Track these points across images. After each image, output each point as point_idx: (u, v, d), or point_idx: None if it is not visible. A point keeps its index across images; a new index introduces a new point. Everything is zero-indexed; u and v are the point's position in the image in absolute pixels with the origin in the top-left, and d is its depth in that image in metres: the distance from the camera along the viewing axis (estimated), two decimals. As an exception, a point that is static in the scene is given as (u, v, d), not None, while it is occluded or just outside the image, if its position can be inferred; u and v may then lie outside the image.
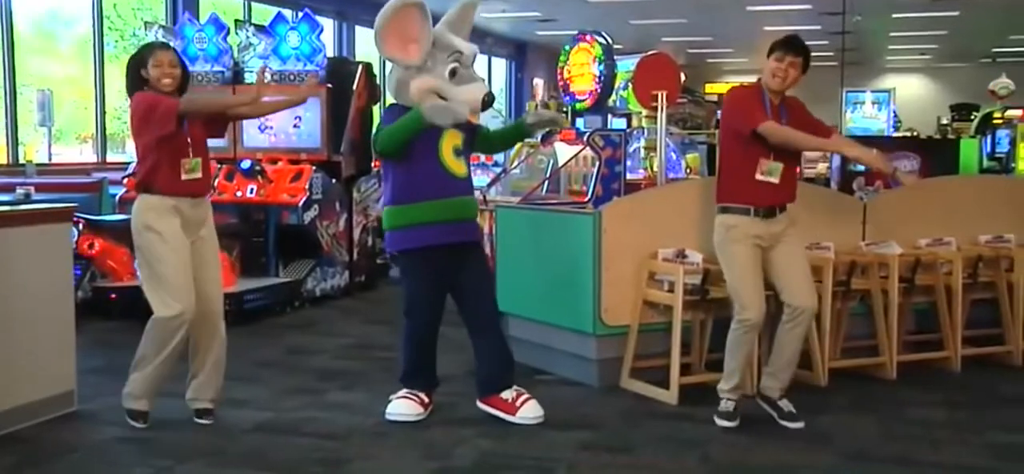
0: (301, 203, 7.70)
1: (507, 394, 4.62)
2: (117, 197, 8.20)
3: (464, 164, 4.58)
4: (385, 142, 4.46)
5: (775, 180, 4.50)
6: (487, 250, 7.17)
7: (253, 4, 13.88)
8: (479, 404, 4.69)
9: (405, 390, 4.70)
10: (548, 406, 4.79)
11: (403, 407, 4.64)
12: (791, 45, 4.52)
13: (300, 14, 8.44)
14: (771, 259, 4.58)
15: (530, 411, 4.59)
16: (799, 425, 4.53)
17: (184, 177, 4.38)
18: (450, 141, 4.49)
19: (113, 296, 7.11)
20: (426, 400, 4.69)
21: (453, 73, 4.45)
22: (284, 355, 6.11)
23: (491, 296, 4.75)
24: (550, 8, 17.64)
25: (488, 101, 4.48)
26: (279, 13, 8.85)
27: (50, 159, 10.46)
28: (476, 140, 4.78)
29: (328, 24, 15.10)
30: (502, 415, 4.61)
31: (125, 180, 8.24)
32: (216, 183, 7.63)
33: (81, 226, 7.06)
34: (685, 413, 4.77)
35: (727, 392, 4.61)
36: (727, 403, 4.61)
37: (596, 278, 5.10)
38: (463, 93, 4.42)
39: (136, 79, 4.42)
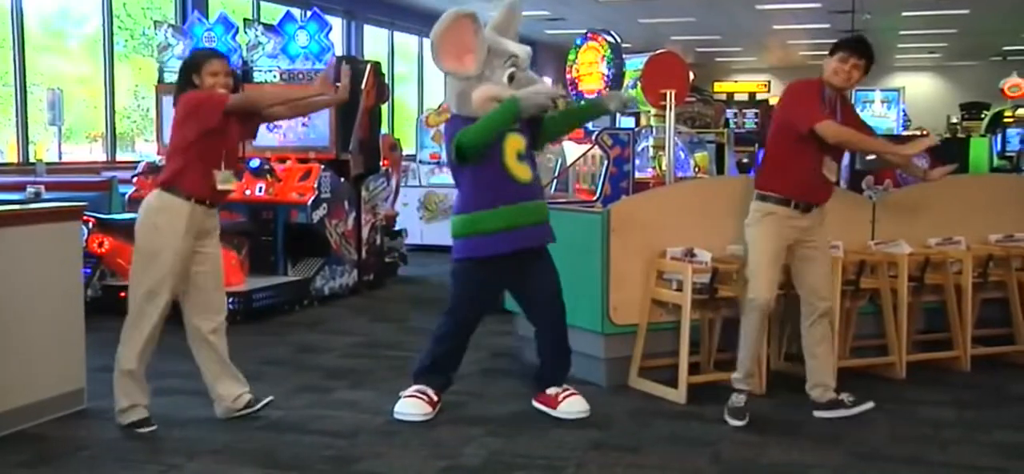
0: (310, 202, 7.71)
1: (552, 390, 4.69)
2: (127, 196, 8.22)
3: (528, 167, 4.53)
4: (472, 139, 4.41)
5: (833, 177, 4.59)
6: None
7: (262, 3, 13.91)
8: (533, 402, 4.77)
9: (415, 388, 4.70)
10: (556, 405, 4.79)
11: (411, 407, 4.65)
12: (858, 48, 4.56)
13: (309, 13, 8.45)
14: (797, 255, 4.64)
15: (572, 406, 4.65)
16: (869, 405, 4.65)
17: (219, 187, 4.40)
18: (513, 146, 4.48)
19: (123, 295, 7.10)
20: (435, 399, 4.69)
21: (511, 78, 4.49)
22: (292, 353, 6.12)
23: (555, 298, 4.69)
24: (559, 7, 17.63)
25: (553, 104, 4.50)
26: (288, 12, 8.87)
27: (60, 158, 10.51)
28: (539, 136, 4.74)
29: (337, 23, 15.12)
30: (545, 409, 4.68)
31: (135, 179, 8.27)
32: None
33: (91, 225, 7.08)
34: (694, 412, 4.76)
35: (739, 382, 4.64)
36: (738, 397, 4.62)
37: (604, 277, 5.10)
38: (537, 96, 4.46)
39: (187, 83, 4.42)
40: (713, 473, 4.02)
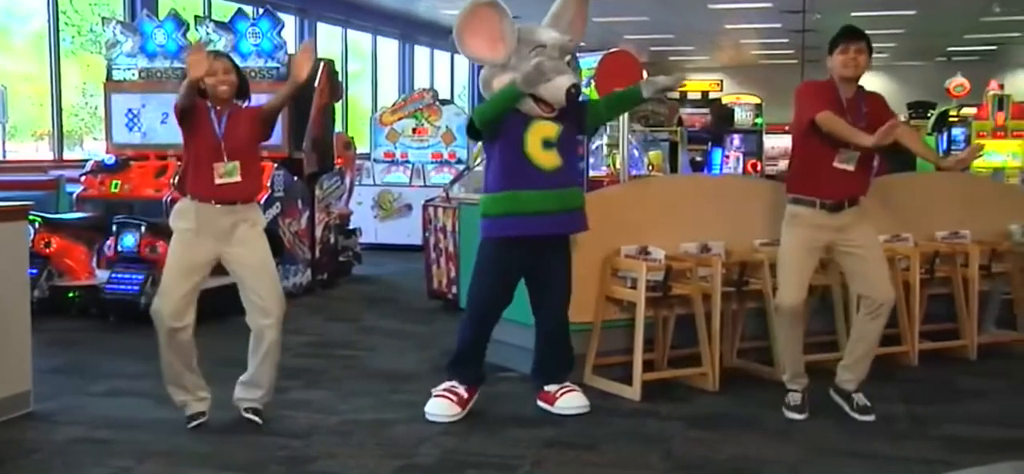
0: (262, 201, 7.63)
1: (551, 387, 4.72)
2: (74, 195, 8.09)
3: (557, 155, 4.51)
4: (479, 114, 4.58)
5: (851, 168, 4.55)
6: (451, 247, 7.18)
7: (213, 0, 13.74)
8: (536, 401, 4.80)
9: (445, 385, 4.68)
10: (510, 403, 4.80)
11: (440, 407, 4.61)
12: (853, 34, 4.60)
13: (261, 10, 8.37)
14: (842, 252, 4.66)
15: (569, 401, 4.68)
16: (870, 418, 4.61)
17: (218, 181, 4.34)
18: (539, 133, 4.49)
19: (71, 295, 7.01)
20: (466, 396, 4.66)
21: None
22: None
23: (560, 293, 4.69)
24: (514, 6, 17.61)
25: (574, 93, 4.47)
26: (239, 9, 8.77)
27: (4, 156, 10.30)
28: (585, 120, 4.77)
29: (290, 20, 14.98)
30: (545, 406, 4.71)
31: (83, 178, 8.13)
32: (177, 180, 7.54)
33: (37, 224, 6.96)
34: (648, 409, 4.79)
35: (788, 382, 4.72)
36: (793, 395, 4.69)
37: (559, 275, 5.10)
38: (548, 87, 4.44)
39: (197, 88, 4.35)
40: (668, 469, 4.04)
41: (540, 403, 4.77)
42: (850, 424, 4.61)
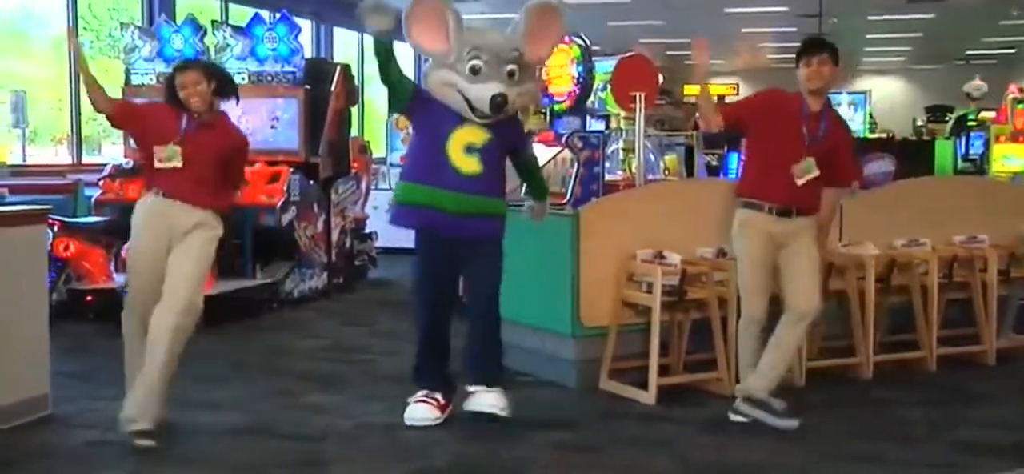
0: (278, 205, 7.65)
1: (473, 387, 4.59)
2: (93, 199, 8.13)
3: (478, 162, 4.39)
4: (379, 74, 4.54)
5: (811, 174, 4.50)
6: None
7: (230, 5, 13.80)
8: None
9: (421, 392, 4.62)
10: (526, 407, 4.79)
11: (420, 412, 4.56)
12: (813, 45, 4.59)
13: (277, 15, 8.40)
14: (781, 257, 4.61)
15: (482, 400, 4.55)
16: (793, 423, 4.50)
17: (157, 164, 4.29)
18: (465, 136, 4.40)
19: (89, 299, 7.05)
20: (443, 402, 4.60)
21: (475, 71, 4.37)
22: (261, 357, 6.08)
23: (483, 295, 4.57)
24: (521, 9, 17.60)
25: (497, 103, 4.32)
26: (256, 14, 8.80)
27: (24, 160, 10.37)
28: (518, 158, 4.70)
29: (306, 25, 15.04)
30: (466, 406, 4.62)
31: (101, 182, 8.18)
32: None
33: (56, 228, 7.00)
34: (663, 414, 4.78)
35: (756, 393, 4.60)
36: (778, 401, 4.58)
37: (575, 279, 5.11)
38: (472, 90, 4.36)
39: (177, 100, 4.35)
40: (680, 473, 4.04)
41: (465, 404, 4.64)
42: (864, 428, 4.59)
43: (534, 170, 4.91)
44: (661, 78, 8.47)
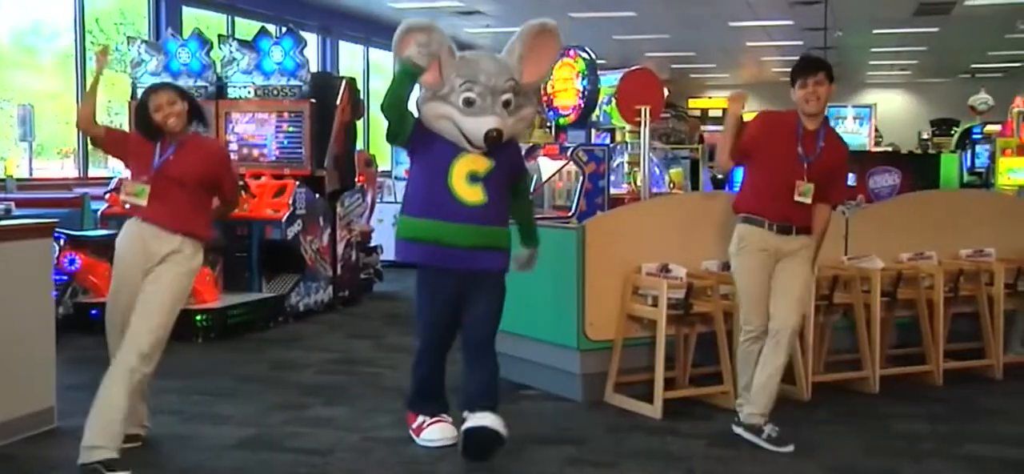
0: (284, 218, 7.67)
1: (469, 413, 4.38)
2: (99, 213, 8.15)
3: (481, 191, 4.27)
4: (385, 101, 4.30)
5: (808, 200, 4.49)
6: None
7: (236, 19, 13.86)
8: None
9: (426, 414, 4.54)
10: (532, 421, 4.79)
11: (437, 432, 4.47)
12: (808, 66, 4.55)
13: (284, 29, 8.43)
14: (775, 272, 4.58)
15: (430, 434, 4.48)
16: (789, 449, 4.43)
17: (123, 198, 4.27)
18: (467, 165, 4.28)
19: (95, 312, 7.06)
20: (451, 421, 4.52)
21: (469, 103, 4.26)
22: (267, 370, 6.08)
23: (482, 326, 4.43)
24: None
25: (492, 138, 4.22)
26: (262, 28, 8.84)
27: (31, 174, 10.40)
28: (517, 182, 4.54)
29: (312, 39, 15.08)
30: (411, 427, 4.56)
31: (107, 196, 8.20)
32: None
33: (62, 241, 7.01)
34: (669, 427, 4.77)
35: (756, 415, 4.54)
36: (771, 427, 4.50)
37: (580, 293, 5.11)
38: (467, 123, 4.25)
39: (149, 126, 4.24)
40: (689, 488, 4.03)
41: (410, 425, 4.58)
42: (871, 443, 4.58)
43: (526, 194, 4.75)
44: (666, 91, 8.48)
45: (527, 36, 4.43)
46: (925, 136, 22.47)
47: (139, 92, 8.41)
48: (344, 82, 8.54)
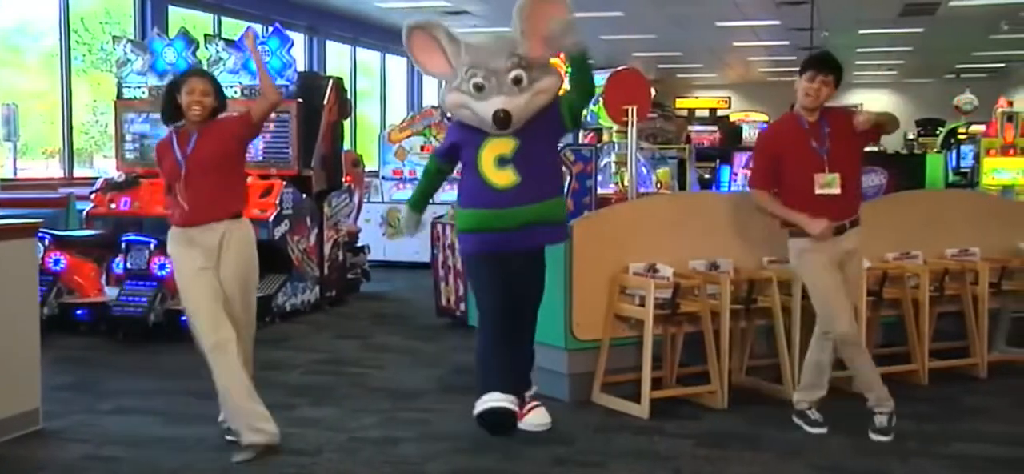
0: (271, 218, 7.65)
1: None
2: (84, 213, 8.11)
3: (513, 172, 4.45)
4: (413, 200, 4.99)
5: (835, 190, 4.51)
6: (459, 264, 7.18)
7: (223, 18, 13.81)
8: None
9: (529, 393, 4.72)
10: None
11: (540, 416, 4.66)
12: (823, 64, 4.57)
13: (270, 29, 8.41)
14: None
15: (534, 419, 4.66)
16: (823, 430, 4.67)
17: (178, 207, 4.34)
18: (493, 151, 4.49)
19: (80, 313, 7.03)
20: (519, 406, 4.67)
21: (479, 87, 4.46)
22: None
23: (528, 307, 4.68)
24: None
25: (500, 119, 4.38)
26: (249, 27, 8.81)
27: (15, 174, 10.34)
28: (562, 118, 4.61)
29: (299, 39, 15.05)
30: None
31: (93, 195, 8.16)
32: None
33: (47, 242, 6.98)
34: (656, 427, 4.78)
35: (874, 406, 4.66)
36: (879, 418, 4.63)
37: (567, 293, 5.11)
38: (479, 107, 4.45)
39: (172, 105, 4.33)
40: (676, 488, 4.03)
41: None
42: (859, 442, 4.59)
43: (572, 75, 4.80)
44: (653, 91, 8.49)
45: (521, 11, 4.56)
46: (911, 136, 22.60)
47: (125, 92, 8.40)
48: (331, 82, 8.52)
